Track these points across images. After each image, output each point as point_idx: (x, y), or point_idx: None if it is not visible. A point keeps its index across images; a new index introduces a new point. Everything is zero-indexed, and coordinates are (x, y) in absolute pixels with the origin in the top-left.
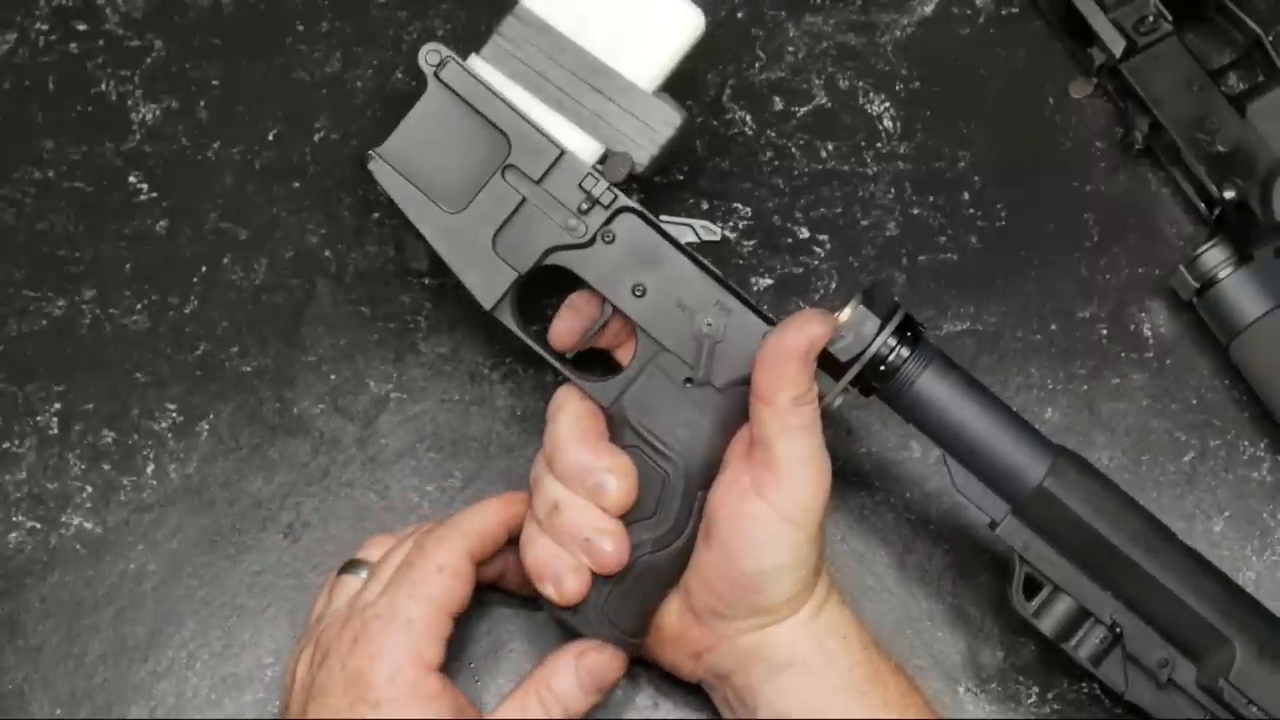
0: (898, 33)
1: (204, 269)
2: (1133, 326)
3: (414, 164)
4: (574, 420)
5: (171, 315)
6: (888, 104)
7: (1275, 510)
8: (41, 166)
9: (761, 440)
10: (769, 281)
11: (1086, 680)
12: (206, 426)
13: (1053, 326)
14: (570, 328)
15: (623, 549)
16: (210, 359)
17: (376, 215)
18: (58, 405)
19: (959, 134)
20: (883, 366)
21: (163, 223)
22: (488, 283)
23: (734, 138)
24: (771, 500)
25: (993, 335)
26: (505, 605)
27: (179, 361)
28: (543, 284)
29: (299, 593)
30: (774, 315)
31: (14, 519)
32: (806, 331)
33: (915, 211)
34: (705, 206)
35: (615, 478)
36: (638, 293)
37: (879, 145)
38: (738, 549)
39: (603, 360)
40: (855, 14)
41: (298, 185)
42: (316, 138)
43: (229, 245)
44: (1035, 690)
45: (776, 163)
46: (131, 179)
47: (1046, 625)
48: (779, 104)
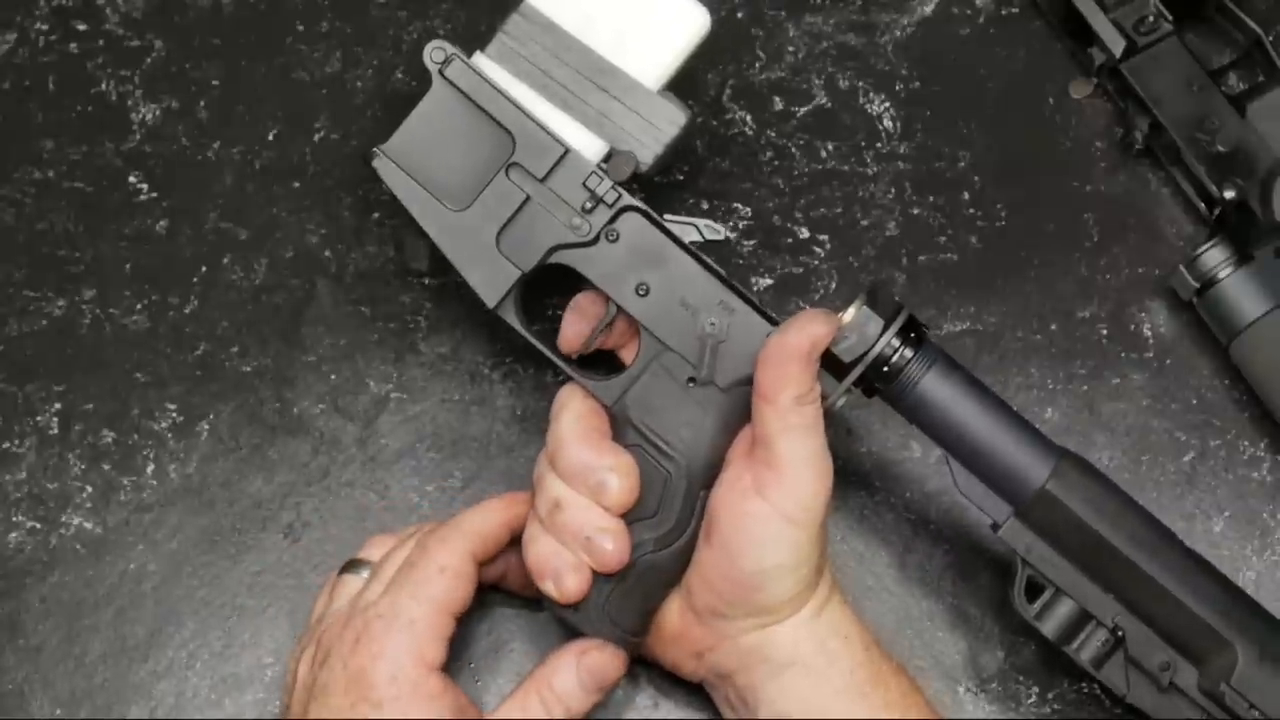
0: (898, 33)
1: (204, 269)
2: (1133, 326)
3: (418, 161)
4: (576, 419)
5: (171, 315)
6: (888, 104)
7: (1275, 510)
8: (41, 166)
9: (763, 439)
10: (769, 281)
11: (1087, 680)
12: (206, 426)
13: (1053, 326)
14: (577, 331)
15: (624, 548)
16: (210, 359)
17: (376, 215)
18: (58, 405)
19: (959, 134)
20: (886, 367)
21: (163, 223)
22: (491, 281)
23: (734, 138)
24: (772, 499)
25: (993, 335)
26: (506, 605)
27: (179, 361)
28: (545, 283)
29: (299, 593)
30: (775, 315)
31: (14, 519)
32: (809, 331)
33: (915, 211)
34: (705, 206)
35: (617, 476)
36: (641, 292)
37: (879, 145)
38: (738, 548)
39: (606, 360)
40: (855, 14)
41: (298, 185)
42: (316, 138)
43: (229, 245)
44: (1035, 690)
45: (776, 163)
46: (131, 179)
47: (1048, 628)
48: (779, 104)
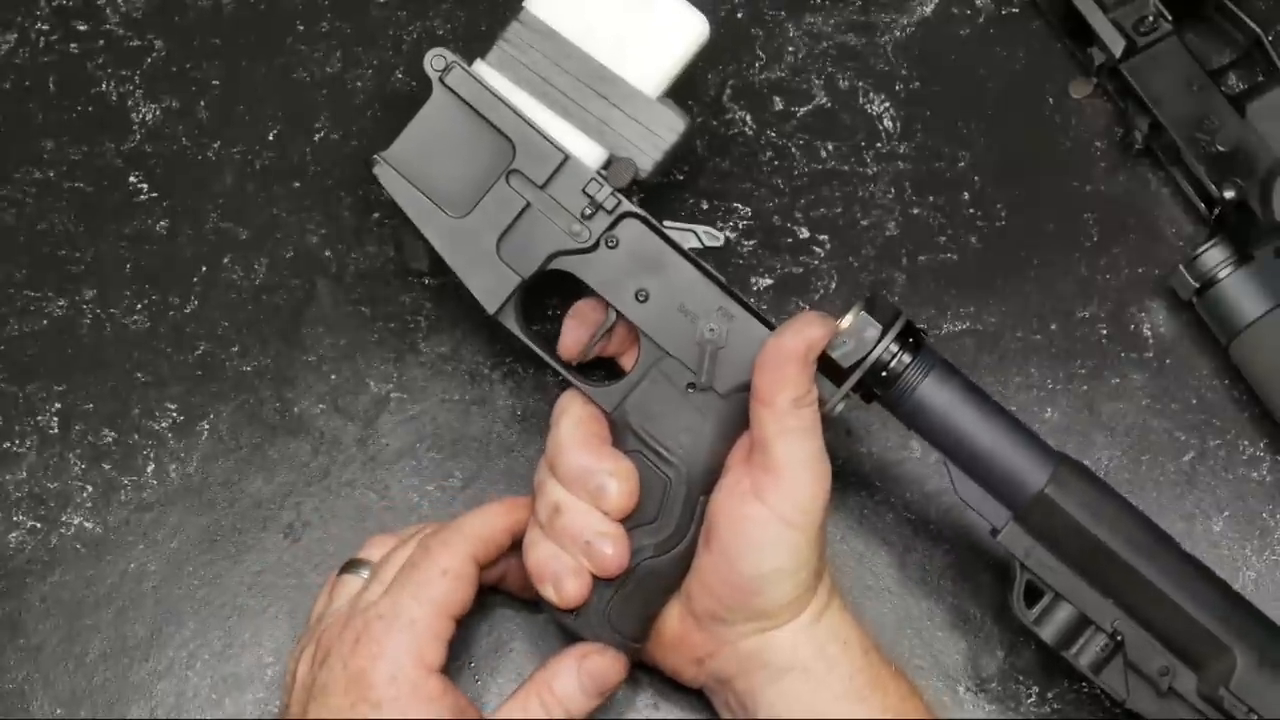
0: (898, 33)
1: (204, 269)
2: (1132, 326)
3: (419, 168)
4: (576, 424)
5: (172, 315)
6: (888, 104)
7: (1275, 510)
8: (42, 166)
9: (761, 443)
10: (769, 281)
11: (1087, 681)
12: (207, 426)
13: (1053, 326)
14: (577, 338)
15: (623, 552)
16: (210, 359)
17: (376, 215)
18: (58, 405)
19: (959, 134)
20: (884, 373)
21: (163, 223)
22: (491, 287)
23: (734, 138)
24: (770, 503)
25: (993, 335)
26: (507, 605)
27: (179, 361)
28: (545, 284)
29: (299, 592)
30: (775, 317)
31: (14, 518)
32: (805, 334)
33: (915, 211)
34: (705, 206)
35: (616, 481)
36: (641, 298)
37: (879, 145)
38: (737, 552)
39: (606, 366)
40: (855, 14)
41: (298, 185)
42: (317, 138)
43: (229, 245)
44: (1035, 690)
45: (776, 163)
46: (132, 179)
47: (1048, 633)
48: (779, 104)
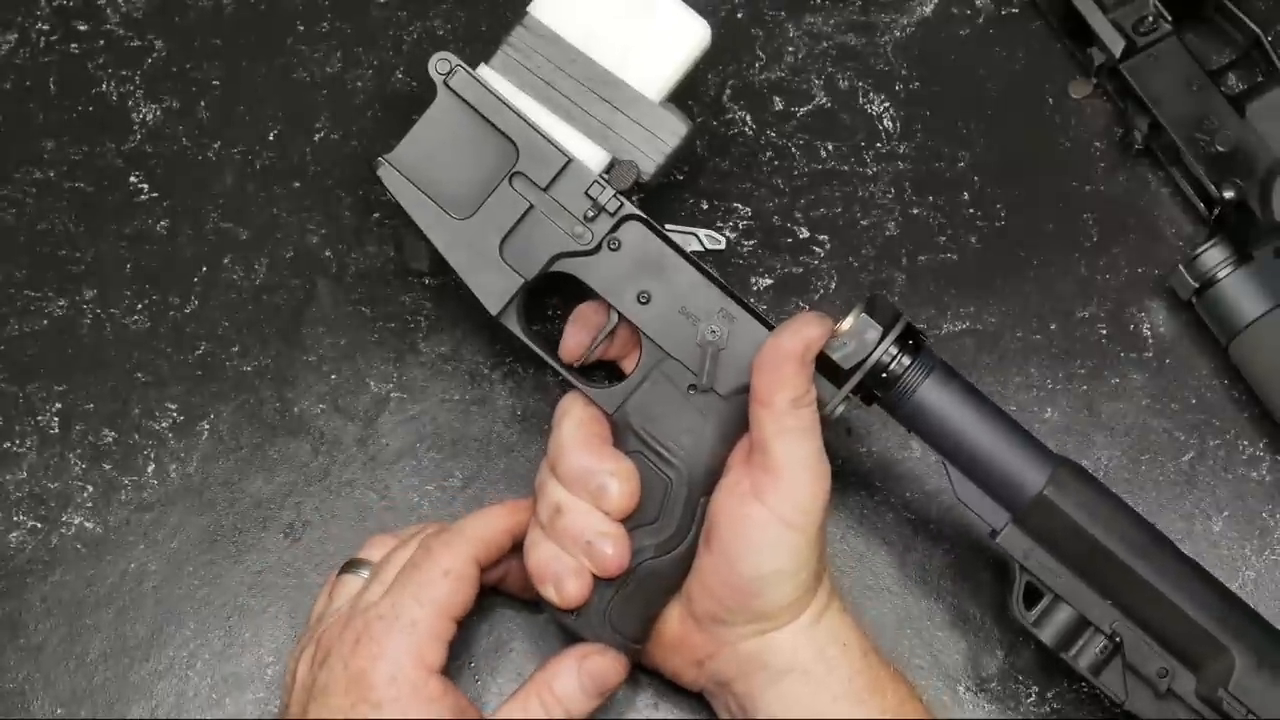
0: (898, 33)
1: (204, 269)
2: (1132, 326)
3: (422, 170)
4: (577, 425)
5: (172, 315)
6: (888, 104)
7: (1274, 510)
8: (42, 166)
9: (760, 443)
10: (769, 281)
11: (1086, 681)
12: (207, 426)
13: (1052, 326)
14: (579, 341)
15: (624, 552)
16: (211, 359)
17: (377, 215)
18: (58, 405)
19: (959, 134)
20: (884, 375)
21: (163, 223)
22: (494, 289)
23: (734, 138)
24: (770, 504)
25: (992, 335)
26: (507, 605)
27: (179, 361)
28: (546, 285)
29: (300, 592)
30: (775, 317)
31: (15, 518)
32: (802, 334)
33: (915, 211)
34: (705, 206)
35: (617, 481)
36: (642, 300)
37: (879, 145)
38: (737, 553)
39: (608, 368)
40: (855, 14)
41: (298, 185)
42: (317, 138)
43: (229, 245)
44: (1035, 690)
45: (776, 163)
46: (132, 179)
47: (1047, 634)
48: (779, 104)
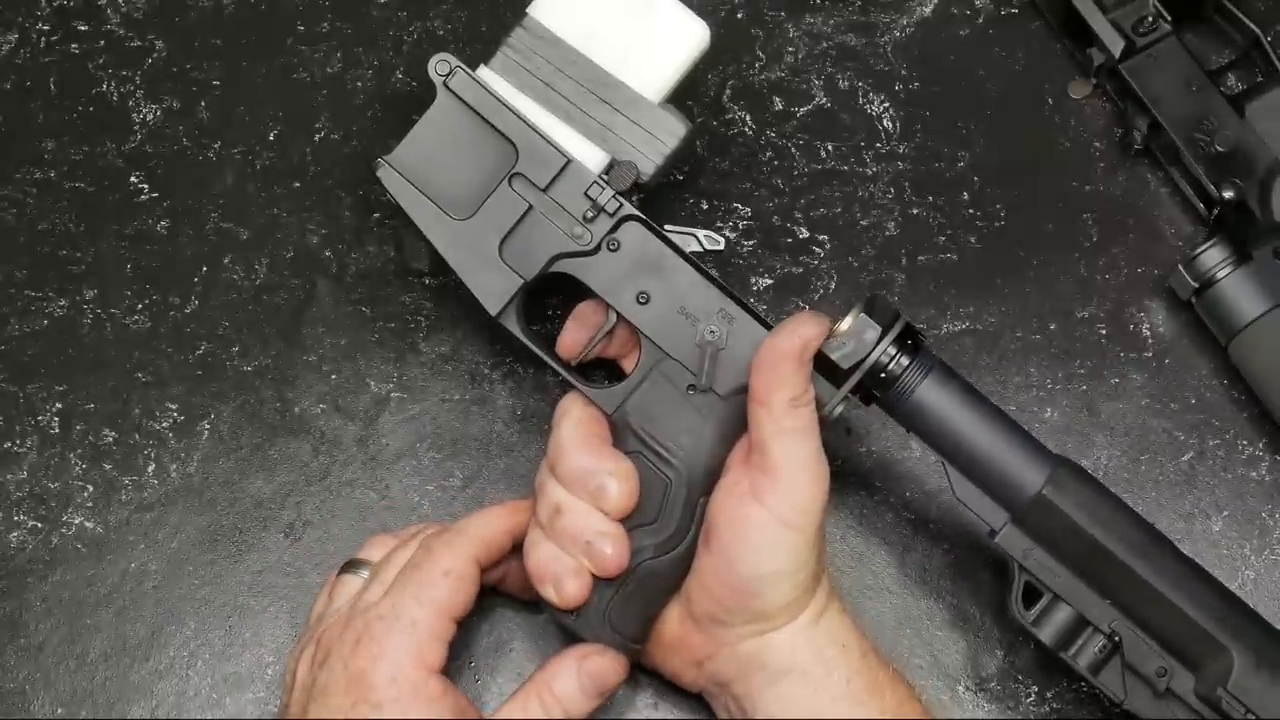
0: (897, 33)
1: (205, 269)
2: (1132, 326)
3: (422, 171)
4: (577, 425)
5: (172, 315)
6: (887, 104)
7: (1274, 510)
8: (43, 167)
9: (758, 443)
10: (769, 281)
11: (1085, 681)
12: (207, 426)
13: (1052, 326)
14: (576, 339)
15: (623, 552)
16: (211, 359)
17: (377, 215)
18: (59, 405)
19: (958, 134)
20: (883, 375)
21: (164, 223)
22: (494, 289)
23: (734, 138)
24: (769, 504)
25: (992, 335)
26: (507, 605)
27: (180, 361)
28: (545, 285)
29: (300, 592)
30: (775, 317)
31: (15, 518)
32: (799, 333)
33: (915, 211)
34: (705, 207)
35: (616, 481)
36: (642, 300)
37: (879, 145)
38: (736, 553)
39: (608, 368)
40: (855, 14)
41: (298, 185)
42: (317, 138)
43: (230, 245)
44: (1035, 690)
45: (776, 163)
46: (132, 179)
47: (1046, 634)
48: (779, 104)
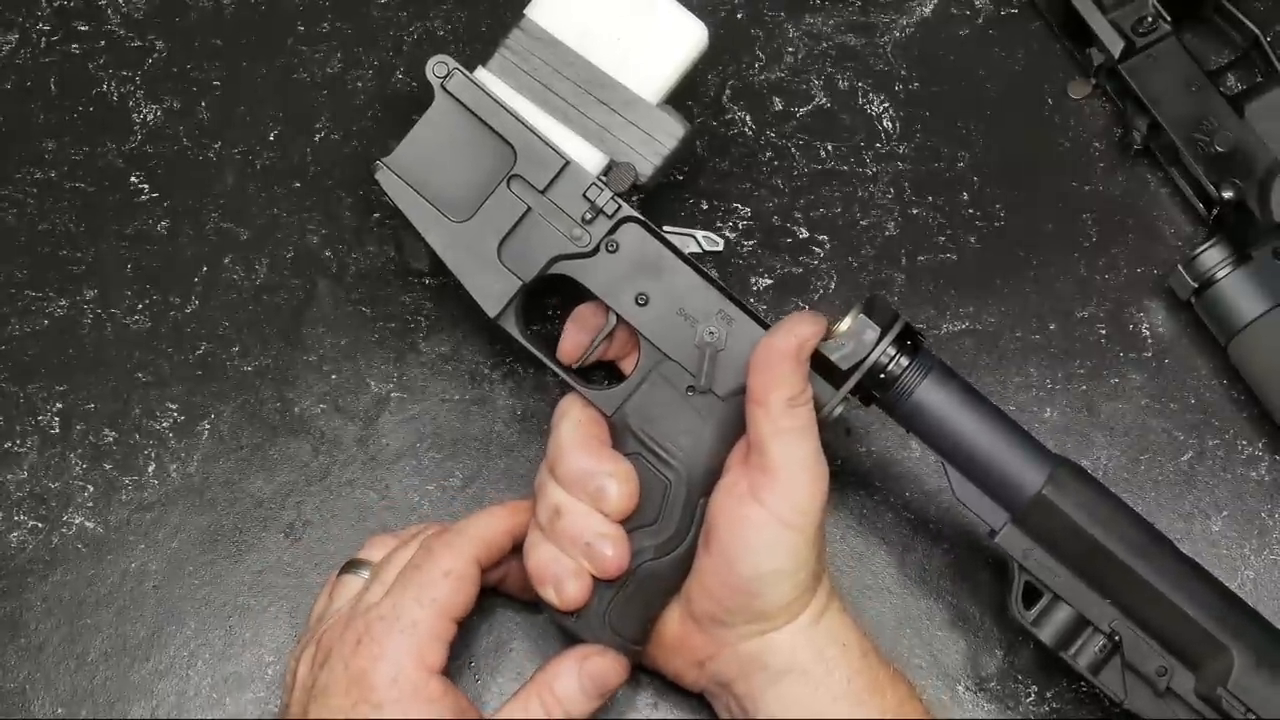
0: (897, 33)
1: (205, 269)
2: (1131, 326)
3: (420, 173)
4: (576, 426)
5: (172, 315)
6: (887, 104)
7: (1273, 509)
8: (43, 167)
9: (757, 443)
10: (769, 281)
11: (1085, 680)
12: (207, 426)
13: (1051, 326)
14: (576, 342)
15: (623, 554)
16: (211, 359)
17: (377, 215)
18: (59, 405)
19: (958, 134)
20: (882, 375)
21: (164, 223)
22: (492, 291)
23: (734, 138)
24: (768, 504)
25: (992, 335)
26: (507, 606)
27: (180, 361)
28: (545, 286)
29: (300, 592)
30: (775, 317)
31: (15, 518)
32: (796, 332)
33: (914, 211)
34: (705, 207)
35: (616, 482)
36: (641, 301)
37: (878, 145)
38: (735, 553)
39: (607, 369)
40: (855, 14)
41: (298, 185)
42: (317, 138)
43: (230, 245)
44: (1034, 689)
45: (776, 163)
46: (133, 179)
47: (1046, 634)
48: (779, 104)
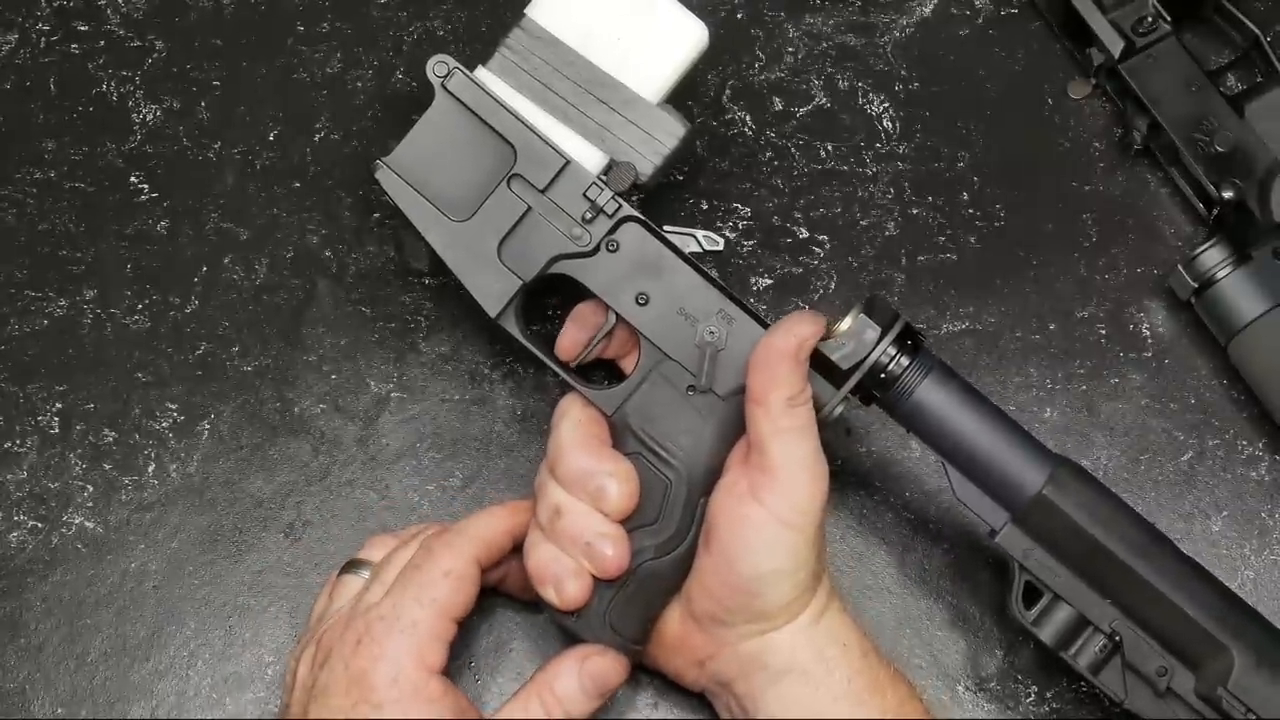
0: (897, 33)
1: (205, 269)
2: (1131, 326)
3: (421, 173)
4: (576, 426)
5: (172, 315)
6: (887, 104)
7: (1273, 509)
8: (43, 167)
9: (757, 443)
10: (769, 281)
11: (1085, 680)
12: (207, 426)
13: (1051, 326)
14: (575, 340)
15: (623, 553)
16: (211, 359)
17: (377, 215)
18: (59, 405)
19: (958, 134)
20: (882, 375)
21: (164, 223)
22: (493, 291)
23: (734, 138)
24: (767, 503)
25: (992, 335)
26: (507, 606)
27: (180, 361)
28: (545, 285)
29: (300, 592)
30: (775, 317)
31: (15, 518)
32: (795, 332)
33: (914, 211)
34: (705, 207)
35: (616, 482)
36: (641, 301)
37: (878, 145)
38: (735, 553)
39: (607, 368)
40: (855, 14)
41: (298, 185)
42: (317, 138)
43: (230, 245)
44: (1034, 690)
45: (776, 163)
46: (132, 179)
47: (1046, 634)
48: (779, 104)
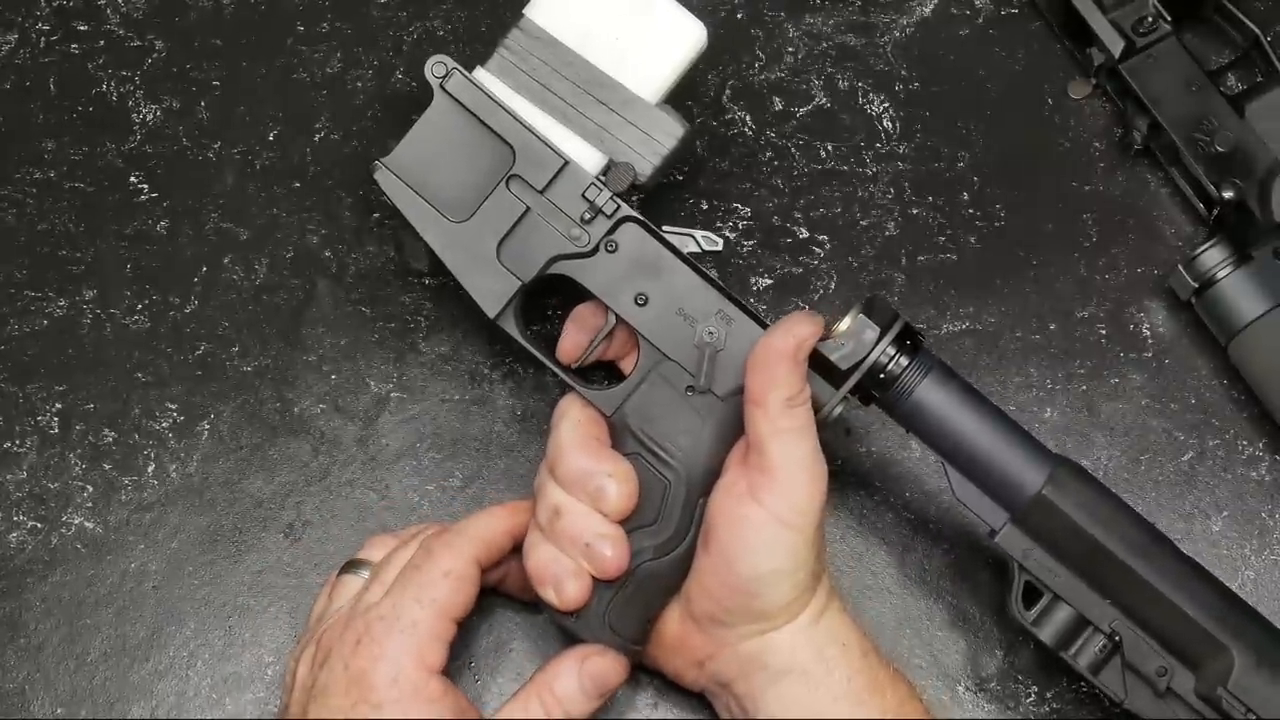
0: (897, 33)
1: (204, 269)
2: (1131, 326)
3: (419, 174)
4: (575, 426)
5: (172, 315)
6: (887, 104)
7: (1274, 510)
8: (43, 167)
9: (755, 443)
10: (768, 281)
11: (1085, 681)
12: (207, 426)
13: (1052, 326)
14: (575, 342)
15: (623, 554)
16: (211, 359)
17: (377, 215)
18: (59, 405)
19: (958, 134)
20: (882, 375)
21: (163, 223)
22: (491, 291)
23: (734, 138)
24: (766, 504)
25: (992, 335)
26: (507, 606)
27: (179, 361)
28: (544, 286)
29: (300, 592)
30: (774, 318)
31: (15, 518)
32: (794, 332)
33: (914, 211)
34: (705, 207)
35: (615, 482)
36: (640, 302)
37: (878, 145)
38: (734, 553)
39: (606, 369)
40: (855, 14)
41: (298, 185)
42: (317, 138)
43: (229, 245)
44: (1035, 690)
45: (776, 163)
46: (132, 179)
47: (1046, 634)
48: (779, 104)
